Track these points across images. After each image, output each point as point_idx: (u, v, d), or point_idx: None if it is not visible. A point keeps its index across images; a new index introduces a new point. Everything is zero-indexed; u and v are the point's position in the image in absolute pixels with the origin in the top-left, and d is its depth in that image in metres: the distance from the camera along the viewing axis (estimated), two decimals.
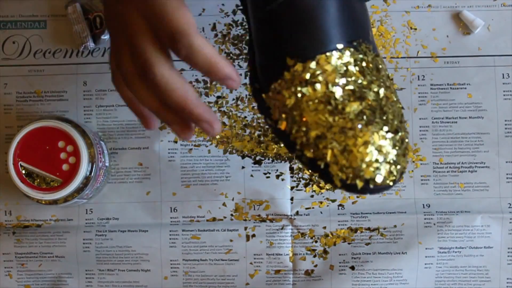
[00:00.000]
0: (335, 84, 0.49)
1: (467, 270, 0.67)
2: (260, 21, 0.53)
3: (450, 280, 0.67)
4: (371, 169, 0.47)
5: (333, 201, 0.67)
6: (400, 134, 0.49)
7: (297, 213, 0.67)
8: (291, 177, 0.67)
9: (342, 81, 0.49)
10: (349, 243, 0.67)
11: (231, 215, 0.67)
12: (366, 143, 0.47)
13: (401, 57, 0.68)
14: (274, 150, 0.67)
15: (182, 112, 0.45)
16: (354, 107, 0.48)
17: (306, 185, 0.67)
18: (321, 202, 0.67)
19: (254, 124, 0.67)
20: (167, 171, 0.67)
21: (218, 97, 0.68)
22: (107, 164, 0.66)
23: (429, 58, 0.68)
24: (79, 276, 0.67)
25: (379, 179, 0.48)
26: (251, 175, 0.67)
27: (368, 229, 0.67)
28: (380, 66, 0.53)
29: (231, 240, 0.67)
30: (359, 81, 0.50)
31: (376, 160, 0.47)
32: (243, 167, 0.67)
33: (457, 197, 0.67)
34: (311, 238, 0.67)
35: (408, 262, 0.66)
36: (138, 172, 0.68)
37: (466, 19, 0.68)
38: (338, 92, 0.49)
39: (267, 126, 0.65)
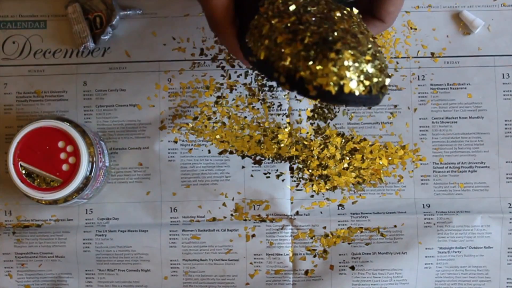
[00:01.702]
0: (306, 10, 0.50)
1: (467, 270, 0.67)
2: None
3: (450, 280, 0.67)
4: (343, 73, 0.48)
5: (333, 201, 0.67)
6: (372, 51, 0.50)
7: (297, 213, 0.67)
8: (291, 177, 0.67)
9: (313, 8, 0.51)
10: (349, 243, 0.67)
11: (231, 215, 0.67)
12: (338, 52, 0.48)
13: (401, 57, 0.68)
14: (274, 150, 0.67)
15: None
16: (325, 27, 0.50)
17: (306, 185, 0.67)
18: (321, 202, 0.67)
19: (254, 124, 0.67)
20: (167, 171, 0.67)
21: (218, 97, 0.68)
22: (107, 164, 0.66)
23: (429, 58, 0.68)
24: (79, 276, 0.67)
25: (353, 84, 0.48)
26: (251, 175, 0.67)
27: (368, 229, 0.67)
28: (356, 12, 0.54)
29: (231, 240, 0.67)
30: (329, 9, 0.51)
31: (348, 67, 0.48)
32: (243, 167, 0.67)
33: (457, 197, 0.67)
34: (311, 238, 0.67)
35: (408, 262, 0.66)
36: (138, 172, 0.68)
37: (466, 19, 0.68)
38: (309, 16, 0.50)
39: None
